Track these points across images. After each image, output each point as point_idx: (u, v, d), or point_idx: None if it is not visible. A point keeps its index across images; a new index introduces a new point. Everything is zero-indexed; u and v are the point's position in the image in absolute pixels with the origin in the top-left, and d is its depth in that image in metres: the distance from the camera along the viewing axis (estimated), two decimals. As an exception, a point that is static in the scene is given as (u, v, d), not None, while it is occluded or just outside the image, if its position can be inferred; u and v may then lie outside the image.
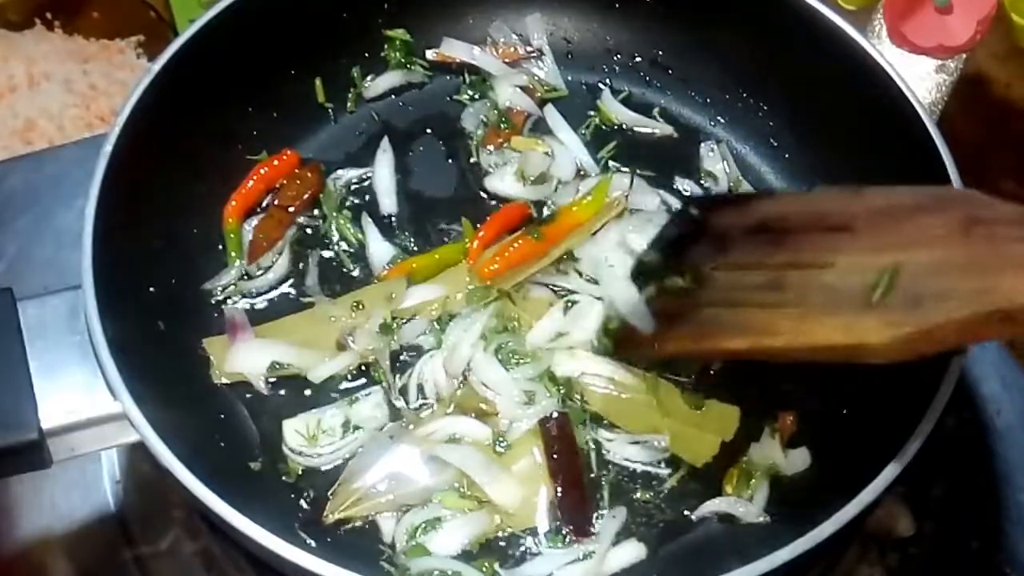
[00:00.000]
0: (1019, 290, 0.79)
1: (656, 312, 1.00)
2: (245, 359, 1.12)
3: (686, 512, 1.07)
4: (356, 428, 1.09)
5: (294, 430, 1.09)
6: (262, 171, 1.25)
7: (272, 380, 1.12)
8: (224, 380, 1.11)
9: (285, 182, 1.25)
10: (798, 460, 1.10)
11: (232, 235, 1.21)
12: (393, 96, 1.36)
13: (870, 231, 0.88)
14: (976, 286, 0.81)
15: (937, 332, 0.82)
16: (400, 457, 1.08)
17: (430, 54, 1.37)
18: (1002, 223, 0.83)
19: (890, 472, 0.93)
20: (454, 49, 1.37)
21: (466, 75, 1.37)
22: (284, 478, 1.08)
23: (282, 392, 1.13)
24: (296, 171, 1.26)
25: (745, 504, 1.07)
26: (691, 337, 0.97)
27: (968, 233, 0.84)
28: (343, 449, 1.08)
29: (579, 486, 1.06)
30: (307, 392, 1.13)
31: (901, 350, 0.84)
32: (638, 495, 1.08)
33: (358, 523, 1.05)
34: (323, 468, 1.08)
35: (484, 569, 1.02)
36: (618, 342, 1.09)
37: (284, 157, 1.26)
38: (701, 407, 1.11)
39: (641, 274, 1.07)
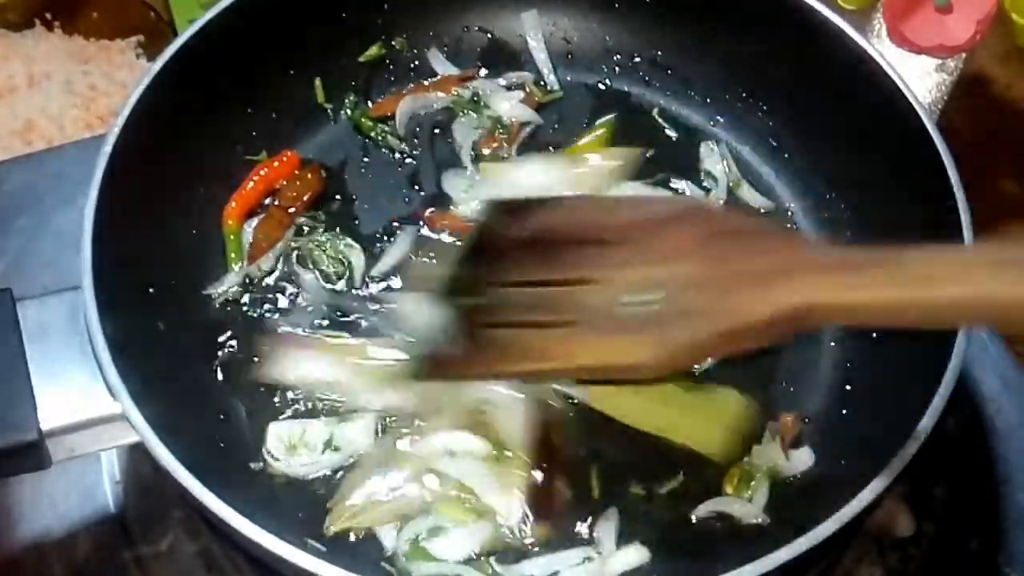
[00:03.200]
0: (752, 307, 0.83)
1: (456, 334, 0.97)
2: (291, 370, 1.12)
3: (685, 512, 1.07)
4: (336, 448, 1.08)
5: (276, 435, 1.09)
6: (262, 172, 1.24)
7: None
8: (265, 380, 1.12)
9: (285, 183, 1.25)
10: (801, 460, 1.10)
11: (232, 236, 1.21)
12: (393, 96, 1.37)
13: (629, 245, 0.90)
14: (719, 303, 0.85)
15: (690, 347, 0.86)
16: (398, 470, 1.07)
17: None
18: (729, 236, 0.88)
19: (890, 472, 0.93)
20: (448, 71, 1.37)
21: (459, 90, 1.35)
22: (278, 479, 1.08)
23: (282, 395, 1.13)
24: (296, 172, 1.26)
25: (744, 504, 1.07)
26: (485, 359, 0.95)
27: (708, 247, 0.87)
28: (318, 465, 1.07)
29: (553, 473, 1.05)
30: (306, 402, 1.12)
31: (663, 365, 0.88)
32: (636, 495, 1.08)
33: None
34: (300, 477, 1.07)
35: (484, 569, 1.02)
36: (425, 366, 1.03)
37: (284, 158, 1.26)
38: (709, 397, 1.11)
39: (446, 293, 1.01)
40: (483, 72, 1.37)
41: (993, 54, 1.58)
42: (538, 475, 1.06)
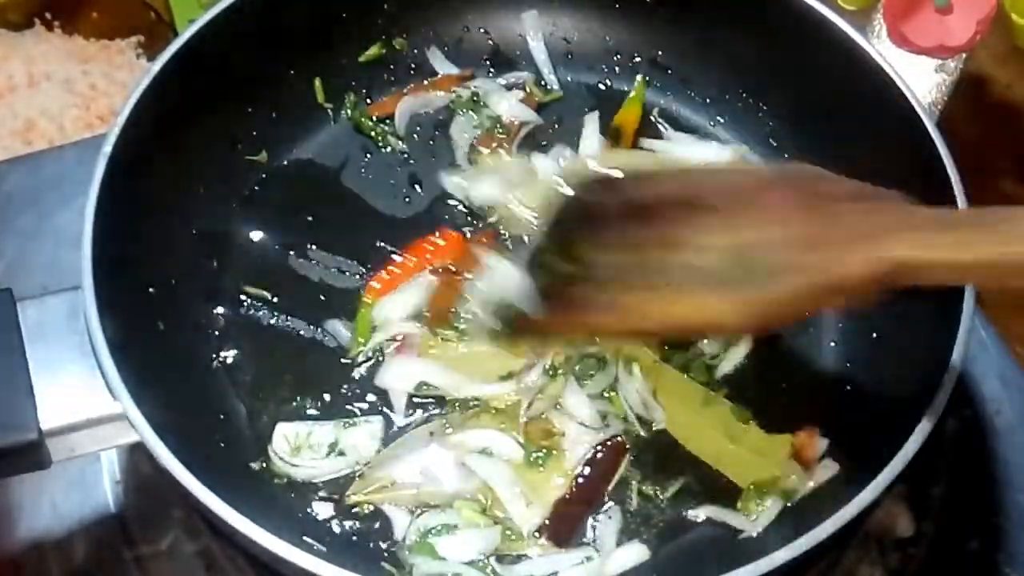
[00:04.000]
0: (849, 262, 0.85)
1: (544, 297, 1.01)
2: (393, 376, 1.13)
3: (686, 513, 1.07)
4: (341, 453, 1.08)
5: (283, 435, 1.09)
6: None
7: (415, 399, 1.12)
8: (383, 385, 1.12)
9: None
10: (823, 472, 1.08)
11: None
12: (393, 96, 1.36)
13: (724, 210, 0.93)
14: (814, 259, 0.86)
15: (781, 305, 0.88)
16: (433, 456, 1.08)
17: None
18: (836, 198, 0.90)
19: (890, 472, 0.93)
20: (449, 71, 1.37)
21: (458, 90, 1.36)
22: (277, 480, 1.08)
23: (287, 395, 1.13)
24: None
25: (740, 517, 1.06)
26: (574, 319, 0.99)
27: (808, 208, 0.89)
28: (320, 469, 1.07)
29: (586, 505, 1.06)
30: (314, 405, 1.12)
31: (751, 323, 0.91)
32: (636, 494, 1.08)
33: (361, 524, 1.05)
34: (301, 479, 1.08)
35: (484, 569, 1.02)
36: (510, 328, 1.06)
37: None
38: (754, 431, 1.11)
39: (534, 262, 1.05)
40: (483, 72, 1.38)
41: (993, 54, 1.58)
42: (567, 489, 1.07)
